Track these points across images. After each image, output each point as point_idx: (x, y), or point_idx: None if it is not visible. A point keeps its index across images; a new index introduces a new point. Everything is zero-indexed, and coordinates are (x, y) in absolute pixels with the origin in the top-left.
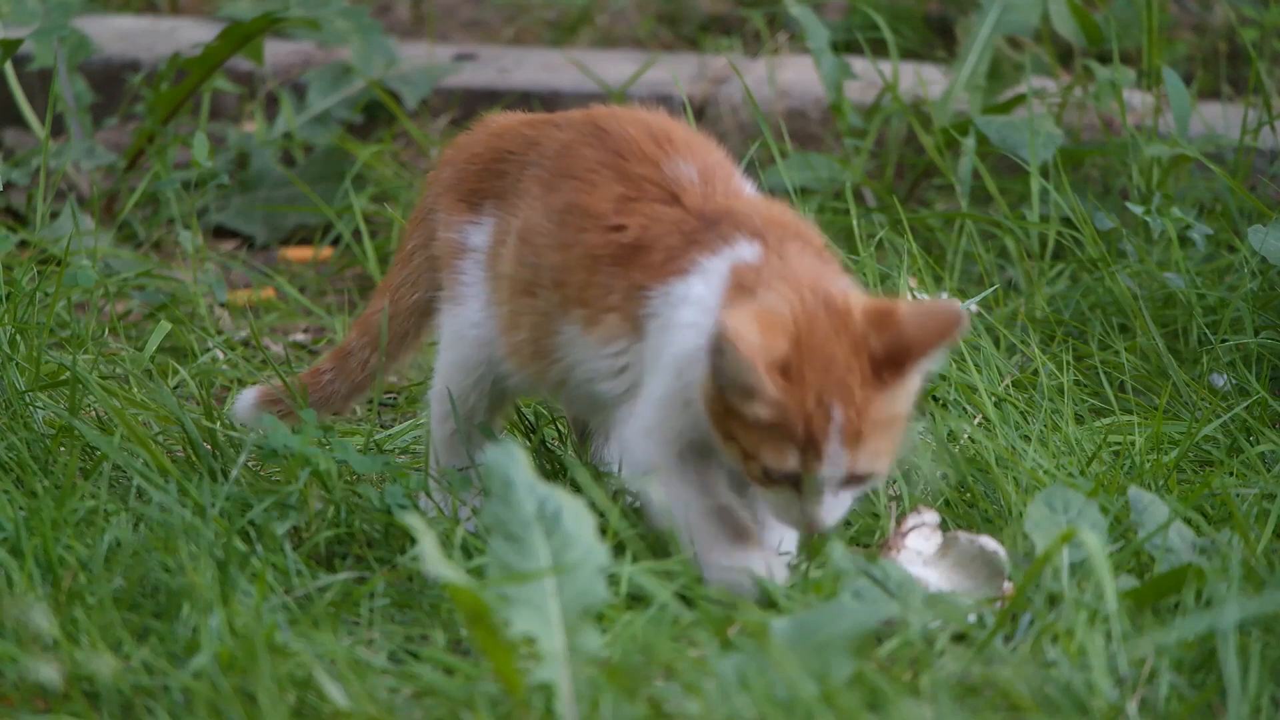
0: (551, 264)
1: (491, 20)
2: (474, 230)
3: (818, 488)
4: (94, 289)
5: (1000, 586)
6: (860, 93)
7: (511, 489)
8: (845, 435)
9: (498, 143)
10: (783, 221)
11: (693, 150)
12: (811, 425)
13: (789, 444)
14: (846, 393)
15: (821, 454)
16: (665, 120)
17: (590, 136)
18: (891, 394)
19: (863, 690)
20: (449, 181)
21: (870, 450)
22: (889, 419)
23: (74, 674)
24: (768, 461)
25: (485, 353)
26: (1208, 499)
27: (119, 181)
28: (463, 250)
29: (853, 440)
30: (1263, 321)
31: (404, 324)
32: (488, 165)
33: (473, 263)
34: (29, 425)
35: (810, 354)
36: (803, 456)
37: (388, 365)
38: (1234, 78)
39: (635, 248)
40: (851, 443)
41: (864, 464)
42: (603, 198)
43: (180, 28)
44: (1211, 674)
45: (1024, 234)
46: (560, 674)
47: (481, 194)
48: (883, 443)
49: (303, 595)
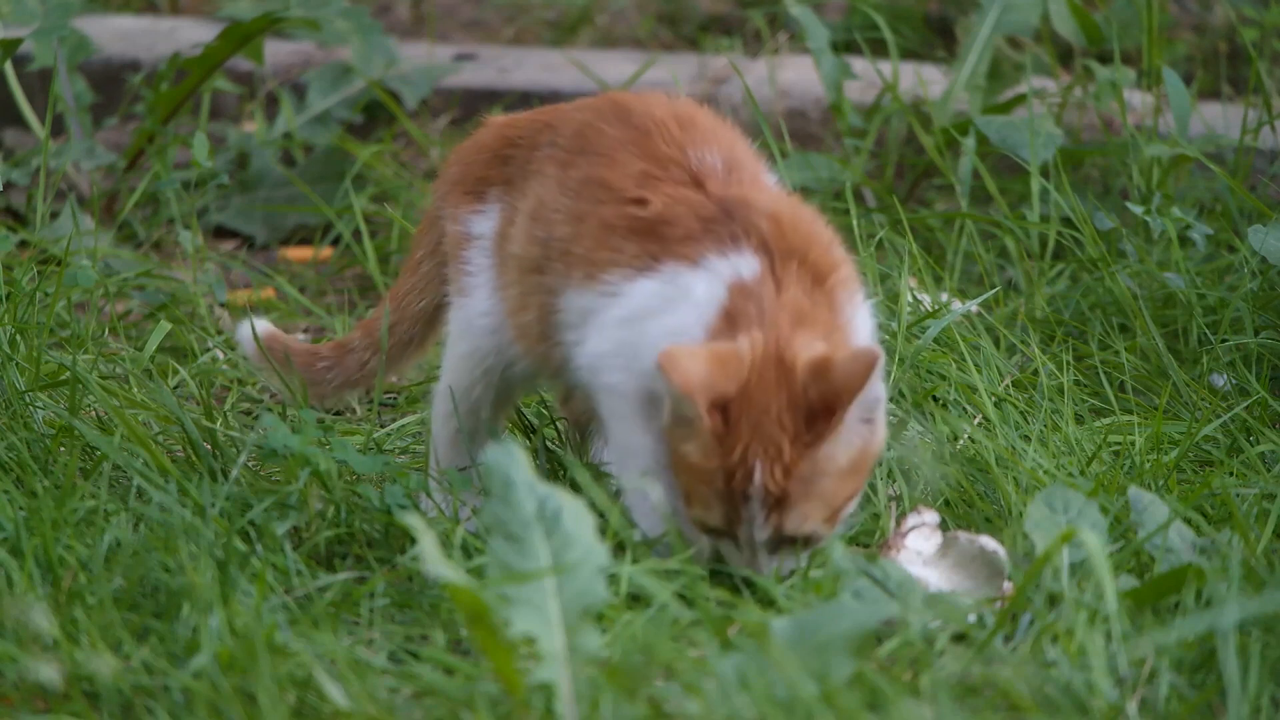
0: (562, 236)
1: (491, 20)
2: (478, 219)
3: (750, 545)
4: (94, 289)
5: (1000, 586)
6: (860, 93)
7: (511, 489)
8: (767, 496)
9: (506, 132)
10: (793, 230)
11: (718, 137)
12: (733, 482)
13: (714, 498)
14: (775, 450)
15: (741, 514)
16: (691, 105)
17: (612, 116)
18: (825, 449)
19: (863, 690)
20: (455, 177)
21: (800, 513)
22: (823, 476)
23: (74, 674)
24: (696, 511)
25: (494, 341)
26: (1208, 499)
27: (119, 181)
28: (468, 240)
29: (777, 503)
30: (1263, 321)
31: (409, 330)
32: (495, 154)
33: (478, 251)
34: (29, 425)
35: (749, 405)
36: (725, 514)
37: (389, 369)
38: (1234, 78)
39: (656, 222)
40: (775, 505)
41: (792, 526)
42: (624, 173)
43: (180, 28)
44: (1211, 674)
45: (1024, 234)
46: (560, 674)
47: (487, 182)
48: (814, 505)
49: (303, 595)
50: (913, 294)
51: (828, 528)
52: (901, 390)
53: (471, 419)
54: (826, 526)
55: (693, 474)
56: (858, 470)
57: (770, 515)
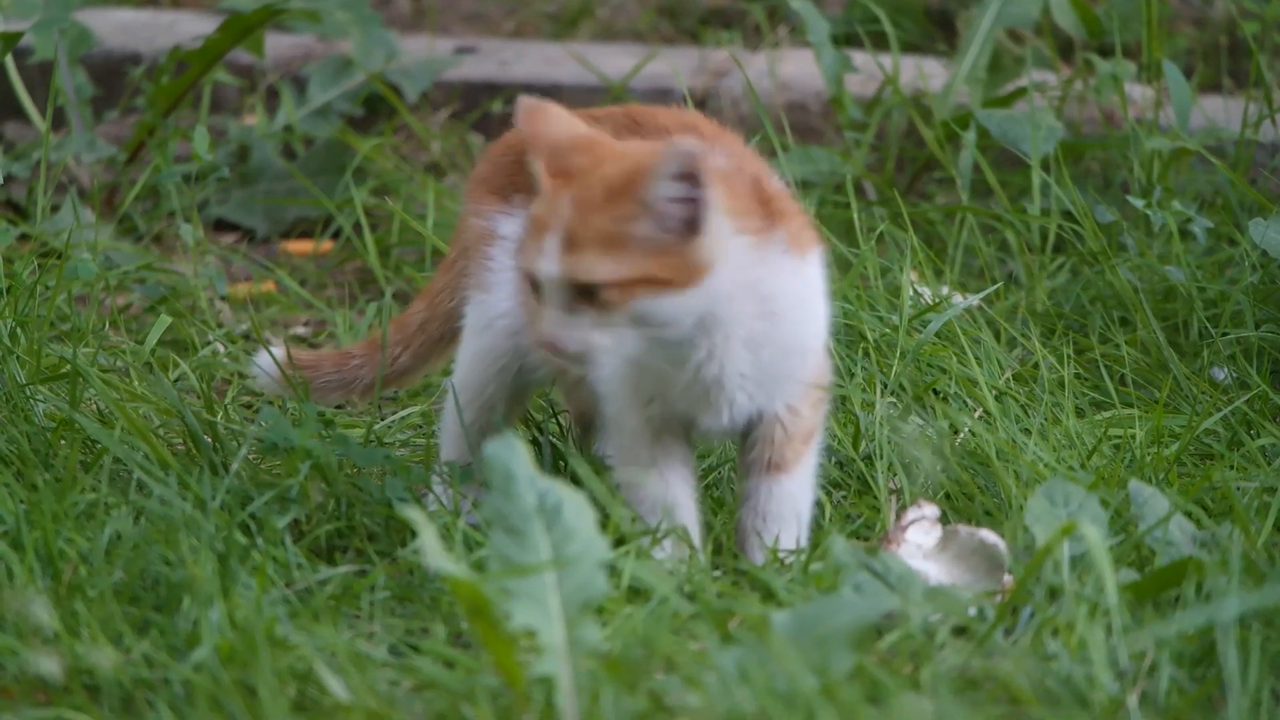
0: None
1: (492, 13)
2: (505, 219)
3: (546, 294)
4: (94, 282)
5: (1000, 580)
6: (861, 86)
7: (512, 482)
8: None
9: None
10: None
11: (721, 139)
12: (546, 223)
13: (532, 240)
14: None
15: (541, 249)
16: (695, 115)
17: (624, 127)
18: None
19: (863, 683)
20: (482, 175)
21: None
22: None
23: (74, 667)
24: (520, 260)
25: (511, 342)
26: (1208, 492)
27: (119, 174)
28: (493, 237)
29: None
30: (1263, 315)
31: (440, 328)
32: (520, 157)
33: (502, 251)
34: (30, 418)
35: (582, 176)
36: (531, 253)
37: (418, 367)
38: (1235, 71)
39: None
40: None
41: (576, 269)
42: None
43: (181, 20)
44: (1212, 667)
45: (1025, 227)
46: (561, 667)
47: (514, 186)
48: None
49: (303, 588)
50: (914, 288)
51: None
52: (903, 384)
53: (484, 416)
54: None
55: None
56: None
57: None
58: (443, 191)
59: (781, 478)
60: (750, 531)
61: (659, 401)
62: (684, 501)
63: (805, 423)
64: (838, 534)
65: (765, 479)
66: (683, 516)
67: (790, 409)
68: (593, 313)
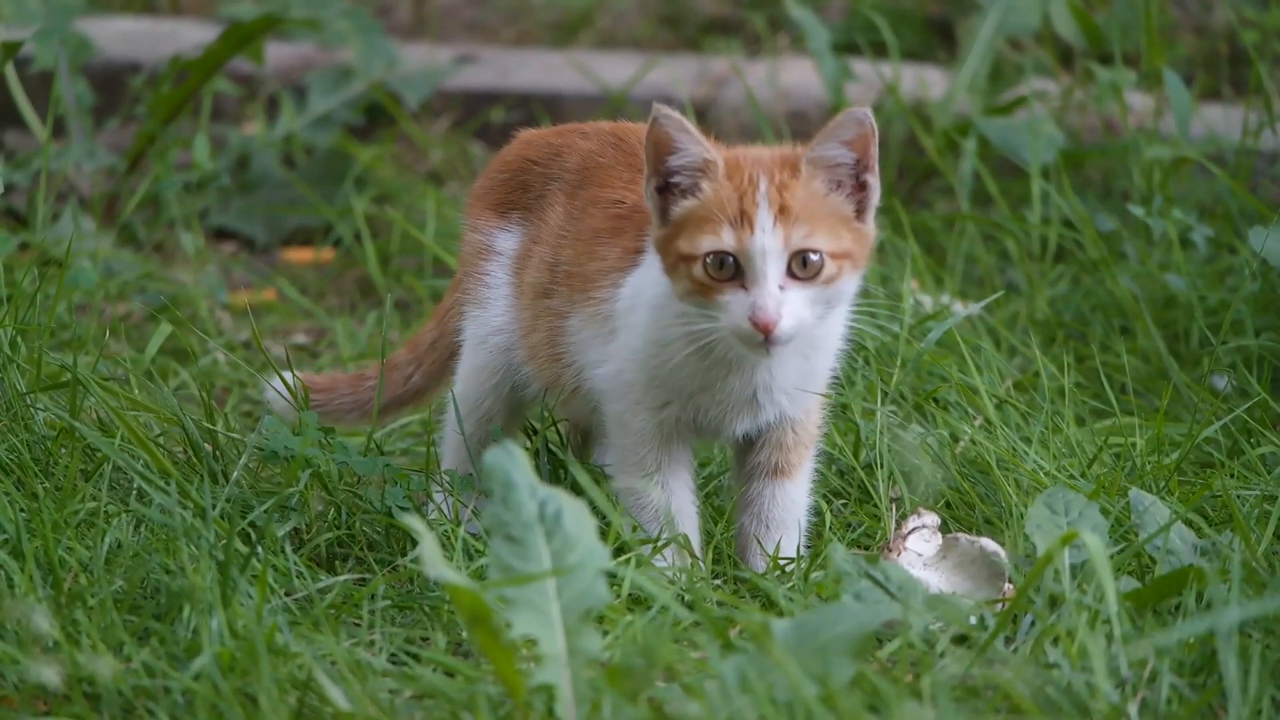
0: (566, 258)
1: (492, 22)
2: (502, 235)
3: (757, 268)
4: (95, 291)
5: (1001, 588)
6: (861, 94)
7: (512, 491)
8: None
9: (524, 150)
10: None
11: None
12: (743, 199)
13: (723, 222)
14: (769, 171)
15: (753, 224)
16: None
17: (610, 146)
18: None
19: (864, 692)
20: (480, 190)
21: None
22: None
23: (75, 675)
24: (705, 245)
25: (505, 358)
26: (1209, 501)
27: (120, 183)
28: (489, 252)
29: (783, 213)
30: (1263, 323)
31: (451, 346)
32: (515, 175)
33: (498, 266)
34: (30, 427)
35: (742, 158)
36: (735, 231)
37: (431, 386)
38: (1235, 79)
39: (631, 213)
40: (782, 215)
41: (799, 239)
42: (612, 187)
43: (181, 29)
44: (1212, 675)
45: (1025, 236)
46: (561, 676)
47: (510, 204)
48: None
49: (303, 597)
50: (914, 296)
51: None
52: (903, 392)
53: (483, 429)
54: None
55: (698, 220)
56: None
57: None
58: (443, 200)
59: (785, 483)
60: (751, 538)
61: (676, 404)
62: (686, 509)
63: (812, 428)
64: (838, 542)
65: (769, 484)
66: (685, 525)
67: (805, 413)
68: (801, 289)
